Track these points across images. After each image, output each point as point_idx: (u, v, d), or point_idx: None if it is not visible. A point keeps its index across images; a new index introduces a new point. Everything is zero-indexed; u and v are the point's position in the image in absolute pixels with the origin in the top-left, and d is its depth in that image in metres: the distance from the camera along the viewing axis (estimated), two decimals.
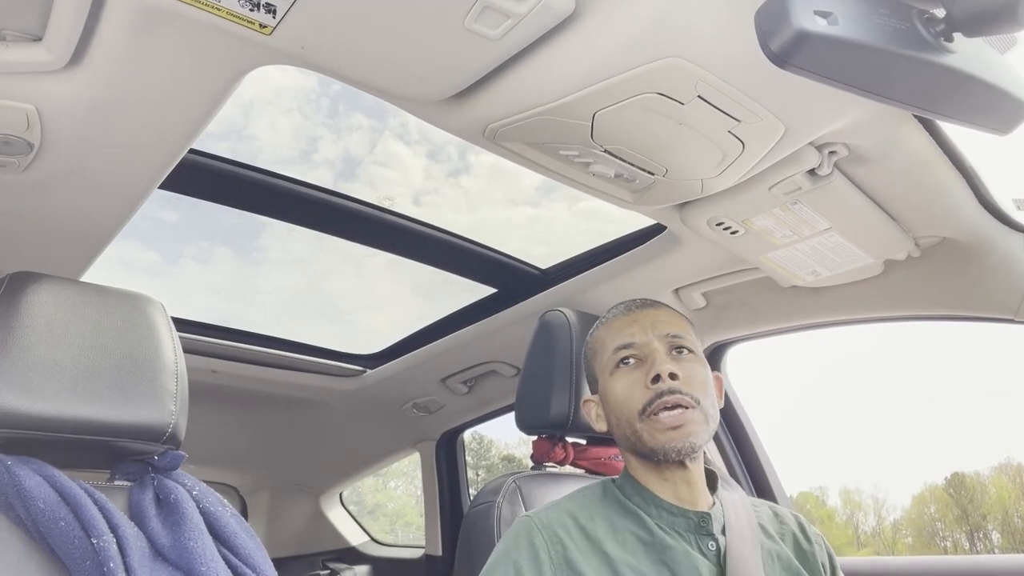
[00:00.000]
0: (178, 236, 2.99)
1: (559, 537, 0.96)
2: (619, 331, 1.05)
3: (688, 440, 0.95)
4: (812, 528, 1.09)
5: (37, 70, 0.85)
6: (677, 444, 0.95)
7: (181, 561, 0.88)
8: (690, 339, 1.04)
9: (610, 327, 1.07)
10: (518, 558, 0.95)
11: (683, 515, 0.98)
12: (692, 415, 0.96)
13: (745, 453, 1.82)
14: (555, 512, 1.00)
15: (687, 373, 0.98)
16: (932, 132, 1.03)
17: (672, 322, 1.04)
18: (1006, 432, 38.33)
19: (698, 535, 0.97)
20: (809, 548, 1.05)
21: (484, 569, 0.97)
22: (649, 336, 1.02)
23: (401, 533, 9.51)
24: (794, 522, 1.08)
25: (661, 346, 1.01)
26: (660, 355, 0.99)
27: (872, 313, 1.45)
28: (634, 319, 1.05)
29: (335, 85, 0.93)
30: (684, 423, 0.95)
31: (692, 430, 0.95)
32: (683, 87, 0.86)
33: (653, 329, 1.02)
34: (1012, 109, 0.70)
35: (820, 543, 1.07)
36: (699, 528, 0.97)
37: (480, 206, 2.96)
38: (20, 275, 0.96)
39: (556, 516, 0.99)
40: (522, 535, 0.97)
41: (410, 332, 2.19)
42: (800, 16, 0.58)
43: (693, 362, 1.01)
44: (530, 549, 0.95)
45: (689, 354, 1.02)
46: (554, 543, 0.95)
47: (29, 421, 0.87)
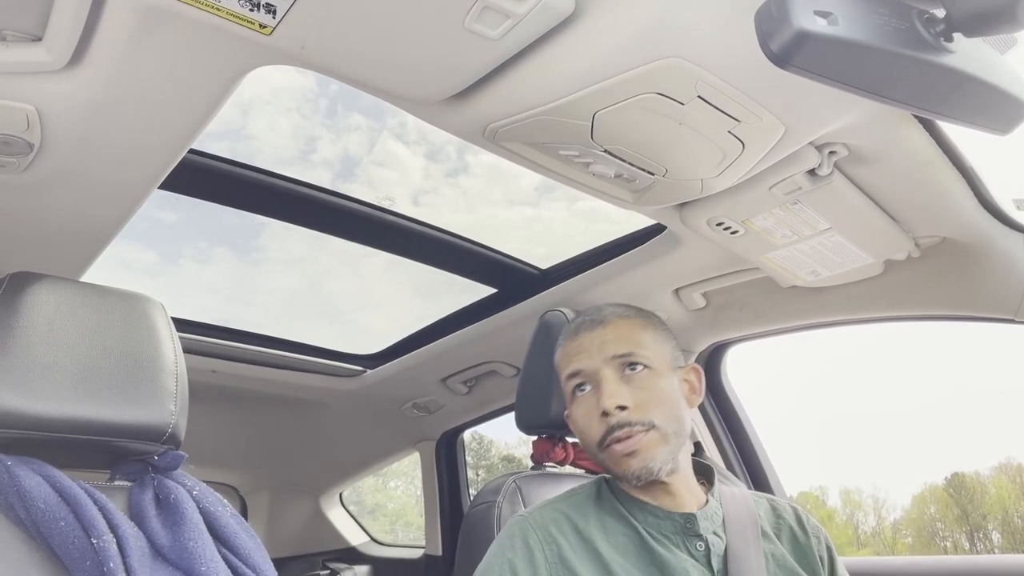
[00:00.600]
0: (177, 236, 2.99)
1: (553, 536, 0.96)
2: (569, 358, 1.04)
3: (646, 466, 0.95)
4: (811, 520, 1.08)
5: (37, 70, 0.85)
6: (636, 471, 0.96)
7: (181, 561, 0.88)
8: (644, 351, 1.00)
9: (563, 351, 1.06)
10: (513, 558, 0.95)
11: (668, 518, 0.99)
12: (646, 440, 0.95)
13: (745, 453, 1.82)
14: (549, 511, 1.01)
15: (638, 398, 0.97)
16: (932, 132, 1.03)
17: (620, 339, 1.01)
18: (1006, 432, 38.30)
19: (685, 536, 0.97)
20: (806, 541, 1.04)
21: (479, 569, 0.97)
22: (596, 361, 1.00)
23: (401, 533, 9.50)
24: (792, 515, 1.08)
25: (610, 371, 0.99)
26: (608, 383, 0.98)
27: (872, 313, 1.45)
28: (580, 344, 1.03)
29: (333, 85, 0.93)
30: (638, 450, 0.95)
31: (648, 455, 0.95)
32: (683, 87, 0.86)
33: (600, 352, 1.00)
34: (1012, 109, 0.70)
35: (818, 535, 1.06)
36: (686, 530, 0.98)
37: (479, 206, 2.96)
38: (20, 275, 0.96)
39: (550, 515, 1.00)
40: (516, 535, 0.97)
41: (410, 332, 2.19)
42: (800, 16, 0.58)
43: (648, 378, 0.99)
44: (525, 548, 0.95)
45: (643, 370, 0.99)
46: (549, 542, 0.96)
47: (29, 421, 0.87)
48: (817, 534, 1.06)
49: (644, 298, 1.59)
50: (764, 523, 1.04)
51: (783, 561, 0.99)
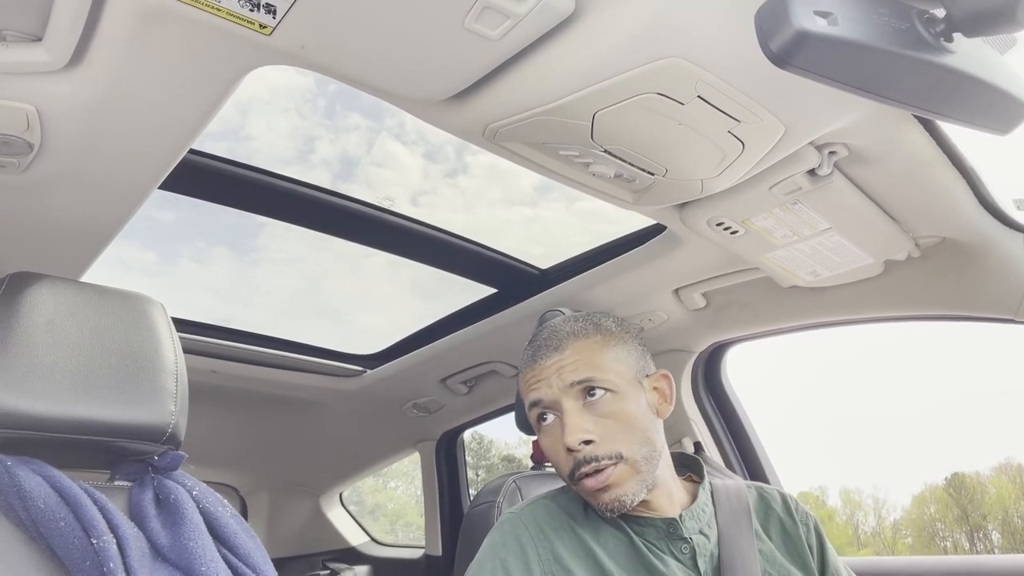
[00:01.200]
0: (175, 236, 3.00)
1: (546, 533, 0.97)
2: (529, 386, 1.01)
3: (618, 499, 0.94)
4: (799, 506, 1.08)
5: (37, 70, 0.85)
6: (608, 504, 0.95)
7: (181, 561, 0.88)
8: (604, 375, 0.97)
9: (523, 378, 1.03)
10: (505, 556, 0.95)
11: (651, 524, 0.99)
12: (616, 474, 0.94)
13: (745, 453, 1.82)
14: (541, 509, 1.01)
15: (603, 428, 0.94)
16: (932, 132, 1.03)
17: (579, 363, 0.97)
18: (1006, 432, 38.26)
19: (669, 540, 0.98)
20: (795, 530, 1.04)
21: (471, 567, 0.97)
22: (555, 390, 0.97)
23: (401, 533, 9.50)
24: (780, 503, 1.07)
25: (570, 400, 0.96)
26: (569, 415, 0.95)
27: (872, 313, 1.45)
28: (539, 372, 1.00)
29: (332, 85, 0.93)
30: (608, 485, 0.94)
31: (620, 490, 0.94)
32: (683, 87, 0.86)
33: (559, 379, 0.97)
34: (1012, 109, 0.70)
35: (806, 522, 1.05)
36: (669, 534, 0.98)
37: (477, 206, 2.97)
38: (20, 275, 0.96)
39: (542, 512, 1.00)
40: (508, 532, 0.98)
41: (410, 332, 2.19)
42: (800, 16, 0.58)
43: (610, 403, 0.96)
44: (517, 545, 0.96)
45: (605, 394, 0.96)
46: (541, 539, 0.96)
47: (29, 421, 0.87)
48: (806, 521, 1.06)
49: (644, 298, 1.59)
50: (754, 518, 1.04)
51: (771, 557, 1.00)
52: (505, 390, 2.12)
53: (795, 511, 1.07)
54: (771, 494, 1.09)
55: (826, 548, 1.04)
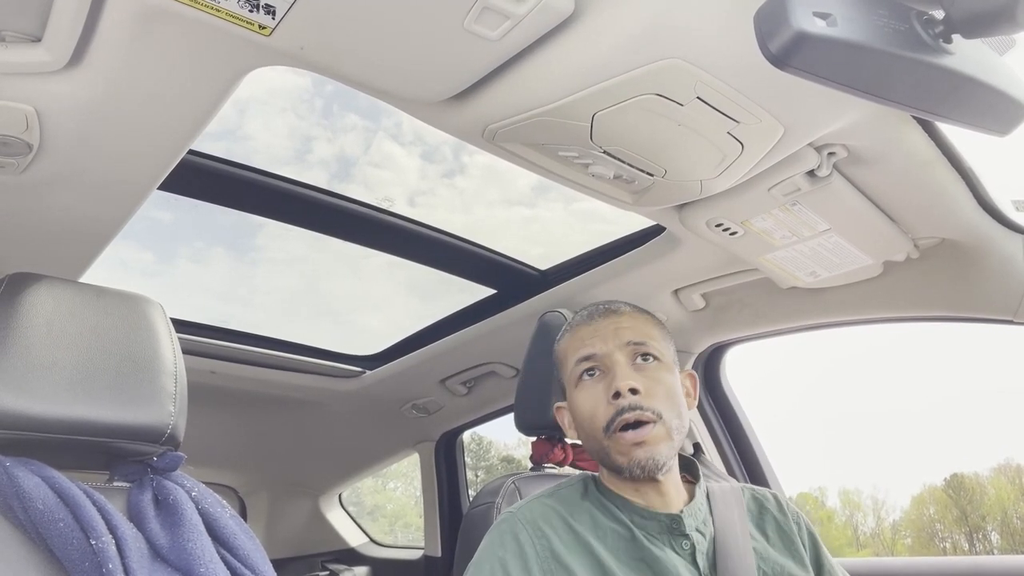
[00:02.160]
0: (173, 236, 3.00)
1: (543, 531, 0.97)
2: (581, 341, 1.03)
3: (652, 458, 0.95)
4: (790, 505, 1.10)
5: (36, 71, 0.85)
6: (641, 461, 0.95)
7: (180, 562, 0.88)
8: (655, 344, 1.01)
9: (573, 336, 1.05)
10: (504, 555, 0.95)
11: (654, 518, 0.99)
12: (654, 432, 0.95)
13: (744, 454, 1.82)
14: (538, 506, 1.01)
15: (649, 385, 0.97)
16: (931, 133, 1.03)
17: (635, 328, 1.01)
18: (1005, 433, 38.31)
19: (671, 536, 0.98)
20: (788, 527, 1.05)
21: (470, 567, 0.97)
22: (610, 346, 0.99)
23: (400, 534, 9.49)
24: (773, 503, 1.09)
25: (622, 356, 0.99)
26: (621, 367, 0.98)
27: (871, 314, 1.45)
28: (595, 328, 1.02)
29: (329, 85, 0.93)
30: (646, 440, 0.95)
31: (655, 450, 0.95)
32: (682, 88, 0.86)
33: (615, 338, 1.00)
34: (1011, 110, 0.70)
35: (798, 520, 1.07)
36: (671, 530, 0.98)
37: (475, 207, 2.97)
38: (19, 276, 0.96)
39: (539, 510, 1.00)
40: (506, 531, 0.98)
41: (409, 333, 2.19)
42: (799, 17, 0.58)
43: (657, 370, 0.99)
44: (515, 544, 0.96)
45: (654, 361, 1.00)
46: (539, 536, 0.96)
47: (28, 422, 0.87)
48: (797, 520, 1.07)
49: (644, 299, 1.59)
50: (748, 517, 1.05)
51: (766, 554, 1.00)
52: (504, 391, 2.12)
53: (788, 510, 1.08)
54: (764, 495, 1.11)
55: (819, 545, 1.06)
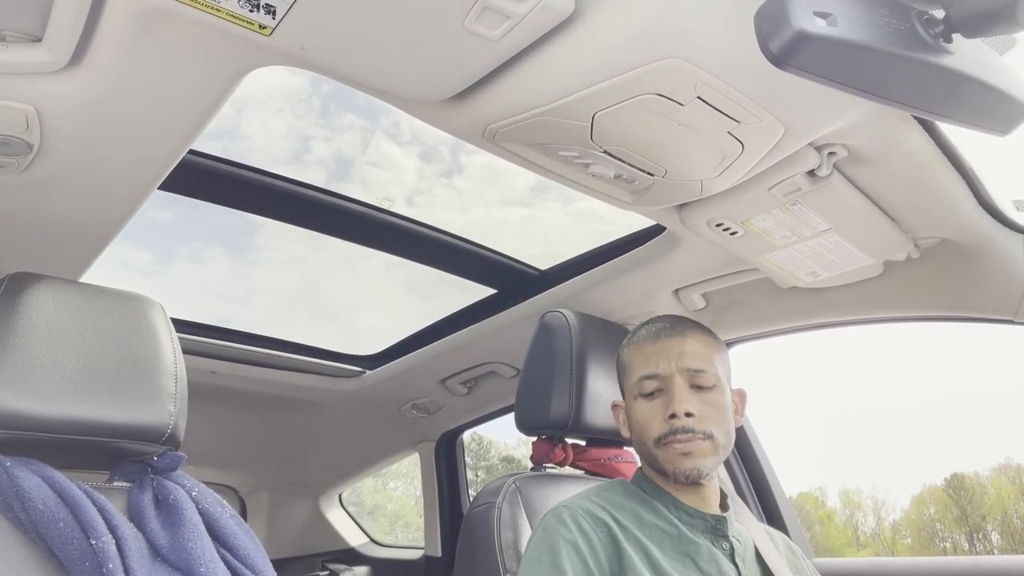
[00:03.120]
0: (171, 236, 2.99)
1: (601, 519, 1.02)
2: (646, 358, 1.10)
3: (696, 469, 1.03)
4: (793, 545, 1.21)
5: (37, 71, 0.85)
6: (686, 470, 1.03)
7: (180, 562, 0.88)
8: (714, 370, 1.08)
9: (639, 351, 1.12)
10: (575, 539, 0.99)
11: (701, 517, 1.06)
12: (702, 446, 1.04)
13: (744, 454, 1.82)
14: (588, 501, 1.07)
15: (703, 410, 1.05)
16: (931, 133, 1.03)
17: (698, 354, 1.08)
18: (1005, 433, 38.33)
19: (714, 535, 1.05)
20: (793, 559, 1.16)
21: (536, 555, 0.99)
22: (672, 369, 1.06)
23: (400, 534, 9.49)
24: (780, 540, 1.20)
25: (682, 380, 1.06)
26: (680, 391, 1.05)
27: (872, 314, 1.45)
28: (661, 348, 1.09)
29: (326, 85, 0.93)
30: (693, 452, 1.03)
31: (700, 461, 1.03)
32: (682, 88, 0.86)
33: (678, 362, 1.07)
34: (1011, 110, 0.70)
35: (802, 557, 1.19)
36: (715, 530, 1.06)
37: (474, 206, 2.96)
38: (19, 276, 0.96)
39: (591, 504, 1.06)
40: (568, 520, 1.02)
41: (410, 333, 2.19)
42: (799, 17, 0.58)
43: (713, 394, 1.07)
44: (580, 531, 1.00)
45: (711, 388, 1.07)
46: (599, 525, 1.02)
47: (28, 422, 0.87)
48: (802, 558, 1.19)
49: (644, 299, 1.59)
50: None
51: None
52: (505, 391, 2.11)
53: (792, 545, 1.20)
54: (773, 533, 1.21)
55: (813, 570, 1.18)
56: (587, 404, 1.32)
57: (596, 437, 1.41)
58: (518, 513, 1.20)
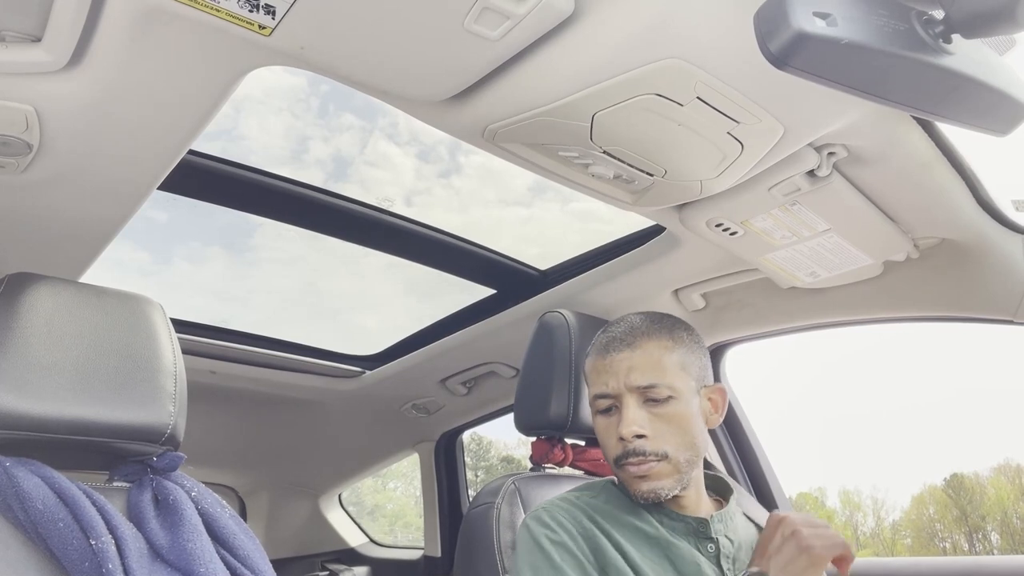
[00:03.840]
0: (169, 236, 2.99)
1: (579, 520, 1.02)
2: (598, 375, 1.07)
3: (654, 491, 1.01)
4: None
5: (36, 71, 0.85)
6: (644, 493, 1.01)
7: (180, 562, 0.88)
8: (667, 382, 1.02)
9: (592, 365, 1.09)
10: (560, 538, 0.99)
11: (682, 520, 1.04)
12: (657, 468, 1.00)
13: (744, 454, 1.82)
14: (567, 503, 1.06)
15: (656, 428, 1.01)
16: (931, 133, 1.03)
17: (649, 367, 1.02)
18: (1005, 433, 38.30)
19: (697, 538, 1.03)
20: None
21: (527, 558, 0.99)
22: (621, 387, 1.03)
23: (400, 534, 9.49)
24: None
25: (632, 399, 1.02)
26: (628, 410, 1.01)
27: (871, 314, 1.45)
28: (609, 364, 1.05)
29: (324, 85, 0.94)
30: (648, 475, 1.00)
31: (657, 483, 1.01)
32: (682, 88, 0.86)
33: (627, 378, 1.02)
34: (1011, 110, 0.70)
35: None
36: (697, 532, 1.03)
37: (472, 206, 2.96)
38: (19, 276, 0.96)
39: (571, 504, 1.05)
40: (549, 520, 1.01)
41: (409, 333, 2.19)
42: (799, 17, 0.58)
43: (667, 407, 1.01)
44: (563, 528, 1.00)
45: (665, 400, 1.02)
46: (577, 523, 1.01)
47: (28, 422, 0.87)
48: None
49: (643, 299, 1.59)
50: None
51: None
52: (504, 391, 2.12)
53: None
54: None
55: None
56: (586, 404, 1.31)
57: (595, 437, 1.41)
58: (517, 513, 1.19)
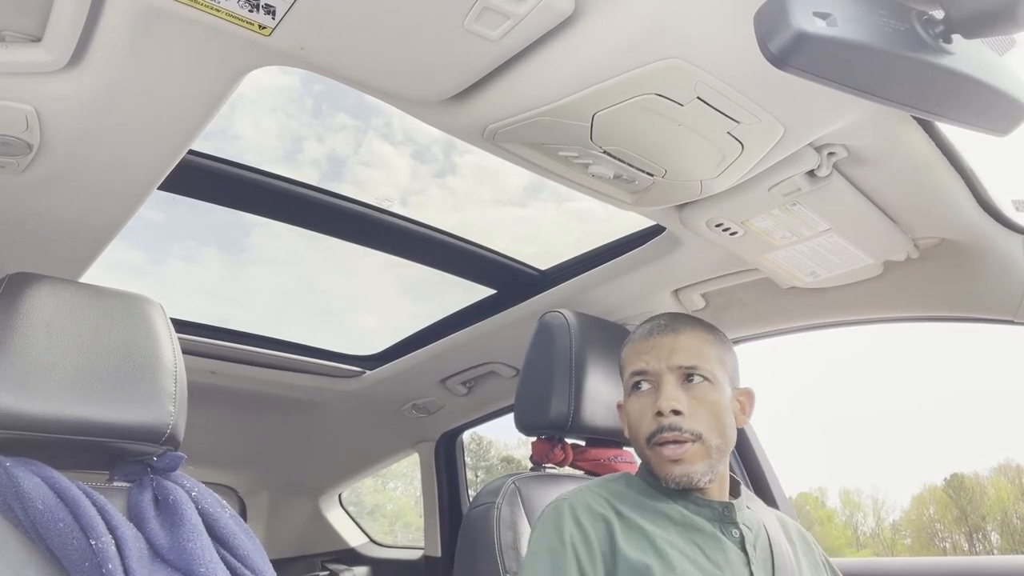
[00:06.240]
0: (165, 235, 2.99)
1: (600, 513, 1.01)
2: (637, 355, 1.09)
3: (687, 475, 1.01)
4: (807, 533, 1.19)
5: (36, 71, 0.85)
6: (676, 476, 1.02)
7: (180, 562, 0.88)
8: (707, 366, 1.05)
9: (633, 348, 1.11)
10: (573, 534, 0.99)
11: (708, 505, 1.05)
12: (692, 450, 1.01)
13: (744, 454, 1.82)
14: (589, 493, 1.06)
15: (693, 407, 1.02)
16: (931, 133, 1.03)
17: (692, 351, 1.05)
18: (1005, 433, 38.32)
19: (722, 523, 1.04)
20: (808, 550, 1.14)
21: (536, 549, 0.99)
22: (662, 366, 1.05)
23: (400, 534, 9.50)
24: (794, 528, 1.17)
25: (672, 376, 1.04)
26: (668, 387, 1.03)
27: (871, 314, 1.45)
28: (653, 345, 1.07)
29: (318, 85, 0.94)
30: (683, 458, 1.01)
31: (690, 467, 1.01)
32: (682, 88, 0.86)
33: (668, 359, 1.05)
34: (1010, 110, 0.70)
35: (815, 545, 1.17)
36: (723, 517, 1.04)
37: (467, 206, 2.97)
38: (19, 276, 0.96)
39: (591, 496, 1.05)
40: (566, 514, 1.01)
41: (409, 333, 2.19)
42: (799, 17, 0.58)
43: (705, 390, 1.04)
44: (577, 526, 1.00)
45: (703, 383, 1.04)
46: (596, 519, 1.01)
47: (28, 422, 0.87)
48: (814, 544, 1.18)
49: (643, 299, 1.59)
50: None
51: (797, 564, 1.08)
52: (504, 391, 2.12)
53: (806, 536, 1.18)
54: (785, 519, 1.19)
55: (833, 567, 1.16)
56: (587, 404, 1.32)
57: (595, 437, 1.41)
58: (518, 513, 1.19)
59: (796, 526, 1.18)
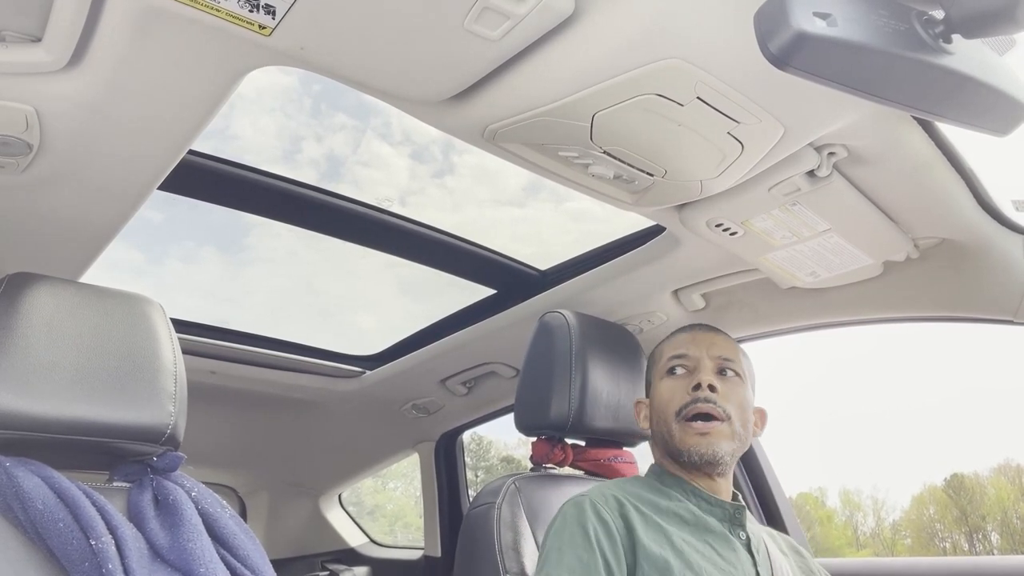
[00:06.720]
0: (164, 236, 2.99)
1: (620, 505, 1.04)
2: (677, 344, 1.17)
3: (712, 449, 1.05)
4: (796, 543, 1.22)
5: (36, 71, 0.85)
6: (702, 449, 1.05)
7: (180, 562, 0.88)
8: (740, 365, 1.13)
9: (671, 341, 1.19)
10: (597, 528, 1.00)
11: (720, 505, 1.08)
12: (720, 427, 1.06)
13: (744, 454, 1.82)
14: (609, 489, 1.08)
15: (727, 389, 1.09)
16: (931, 133, 1.03)
17: (727, 347, 1.15)
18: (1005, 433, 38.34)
19: (732, 524, 1.07)
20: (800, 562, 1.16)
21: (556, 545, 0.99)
22: (702, 352, 1.12)
23: (400, 534, 9.49)
24: (784, 541, 1.20)
25: (710, 363, 1.11)
26: (706, 369, 1.10)
27: (871, 314, 1.45)
28: (693, 338, 1.16)
29: (316, 84, 0.94)
30: (711, 432, 1.05)
31: (717, 442, 1.05)
32: (682, 88, 0.86)
33: (708, 349, 1.13)
34: (1010, 110, 0.70)
35: (807, 554, 1.20)
36: (733, 519, 1.07)
37: (466, 206, 2.96)
38: (19, 276, 0.96)
39: (611, 492, 1.07)
40: (588, 508, 1.03)
41: (409, 333, 2.19)
42: (799, 17, 0.58)
43: (736, 383, 1.11)
44: (599, 520, 1.01)
45: (735, 376, 1.12)
46: (617, 516, 1.02)
47: (28, 422, 0.87)
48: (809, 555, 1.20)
49: (643, 299, 1.59)
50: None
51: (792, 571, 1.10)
52: (504, 391, 2.12)
53: (800, 548, 1.21)
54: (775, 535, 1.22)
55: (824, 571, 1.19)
56: (587, 404, 1.32)
57: (596, 437, 1.41)
58: (518, 513, 1.19)
59: (785, 539, 1.21)
